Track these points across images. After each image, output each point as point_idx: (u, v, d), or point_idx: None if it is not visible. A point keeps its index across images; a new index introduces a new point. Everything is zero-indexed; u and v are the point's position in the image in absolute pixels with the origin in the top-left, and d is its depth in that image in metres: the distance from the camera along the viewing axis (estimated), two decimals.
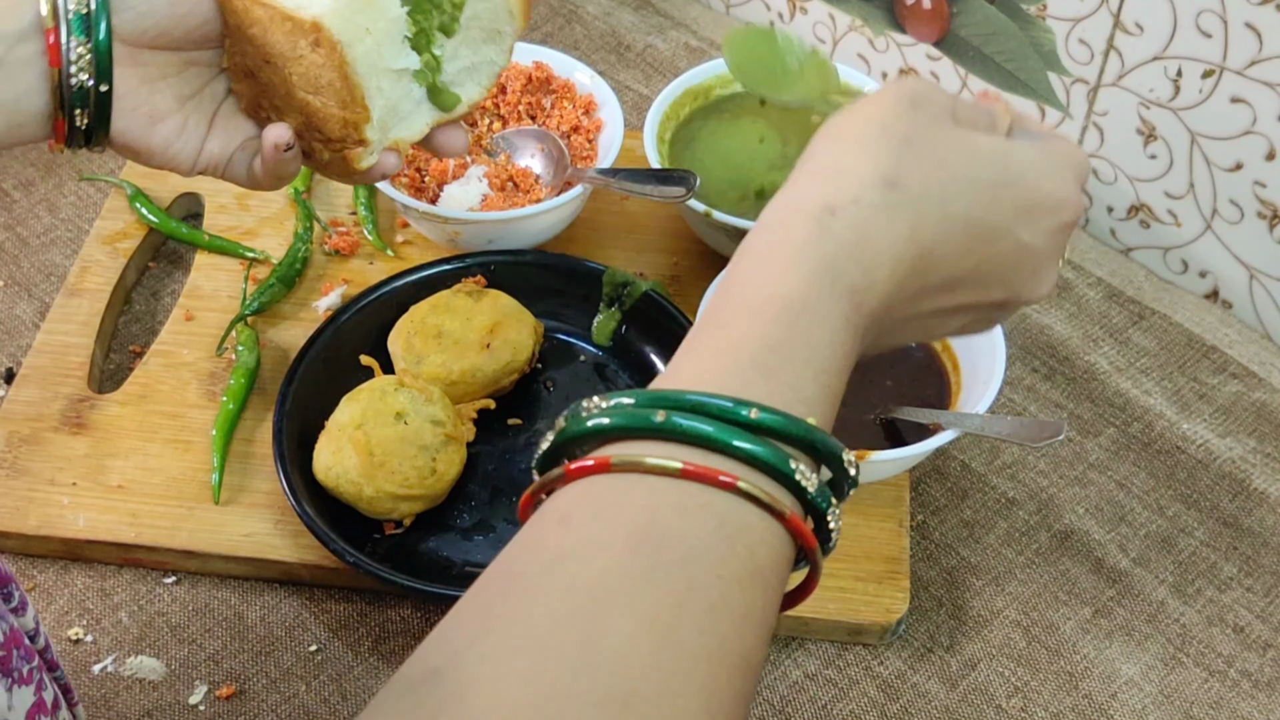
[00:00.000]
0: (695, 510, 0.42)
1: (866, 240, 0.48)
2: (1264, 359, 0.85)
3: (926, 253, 0.49)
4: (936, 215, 0.49)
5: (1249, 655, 0.72)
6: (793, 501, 0.44)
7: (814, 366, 0.46)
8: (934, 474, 0.79)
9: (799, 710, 0.69)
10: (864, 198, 0.48)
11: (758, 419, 0.43)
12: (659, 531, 0.41)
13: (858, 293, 0.47)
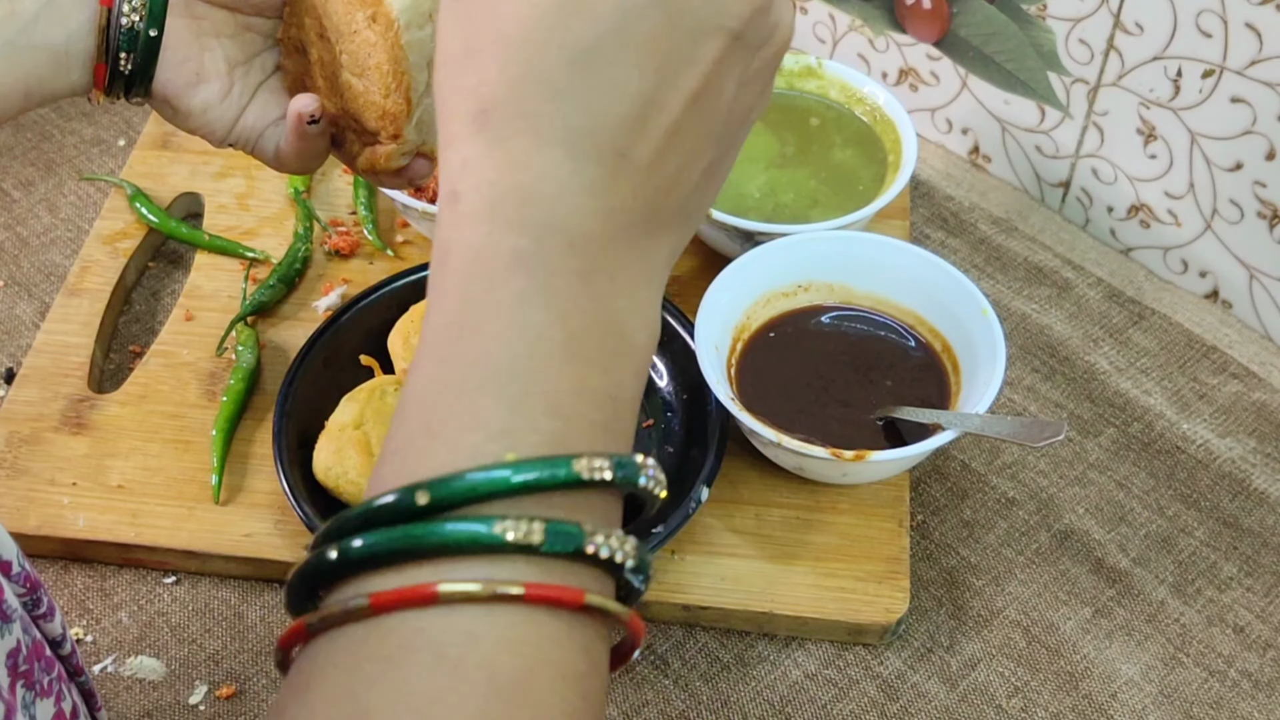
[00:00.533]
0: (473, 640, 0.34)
1: (496, 192, 0.38)
2: (1264, 359, 0.85)
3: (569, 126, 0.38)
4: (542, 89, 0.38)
5: (1249, 655, 0.72)
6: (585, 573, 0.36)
7: (494, 389, 0.37)
8: (934, 474, 0.79)
9: (799, 710, 0.69)
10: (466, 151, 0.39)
11: (427, 503, 0.35)
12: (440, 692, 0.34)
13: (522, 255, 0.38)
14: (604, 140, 0.39)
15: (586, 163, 0.39)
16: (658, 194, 0.40)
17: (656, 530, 0.69)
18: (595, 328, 0.38)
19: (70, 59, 0.57)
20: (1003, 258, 0.91)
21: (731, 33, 0.40)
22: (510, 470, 0.35)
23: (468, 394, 0.37)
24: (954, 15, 0.91)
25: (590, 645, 0.36)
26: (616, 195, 0.39)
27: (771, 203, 0.84)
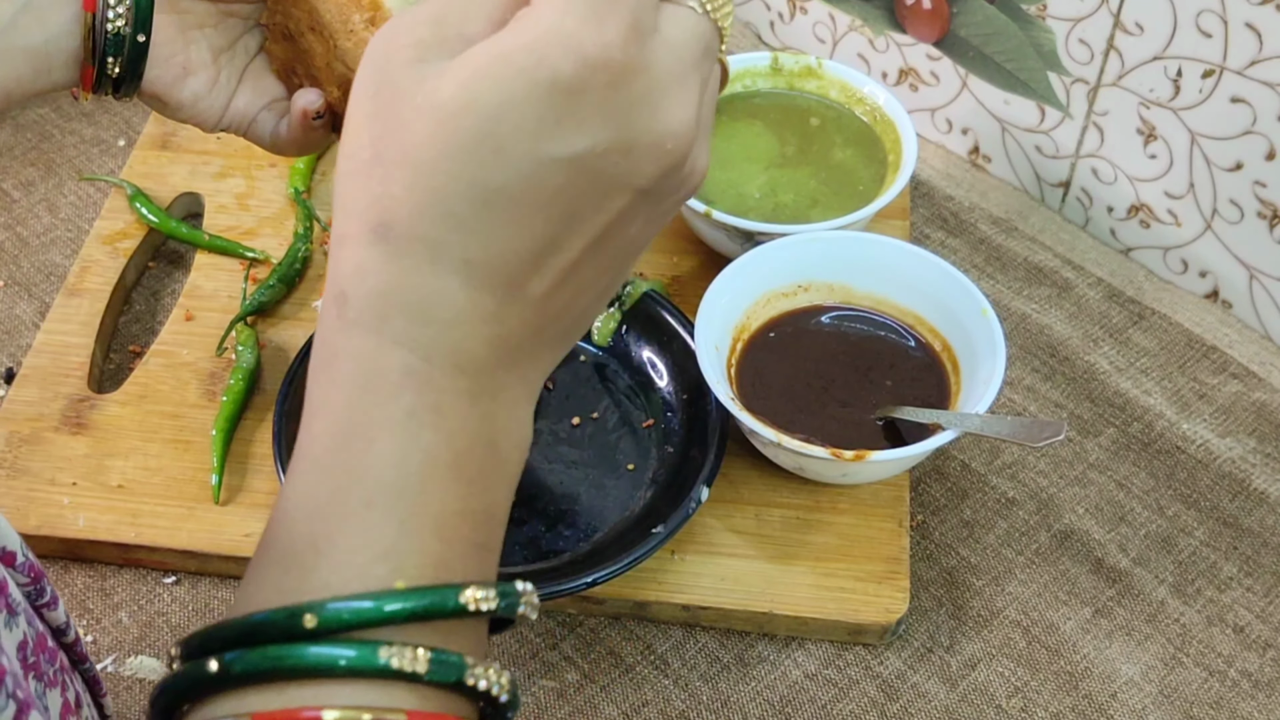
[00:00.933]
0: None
1: (389, 307, 0.38)
2: (1264, 359, 0.85)
3: (469, 257, 0.39)
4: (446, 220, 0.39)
5: (1249, 655, 0.72)
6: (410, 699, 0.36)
7: (382, 506, 0.37)
8: (934, 474, 0.79)
9: (799, 710, 0.69)
10: (361, 260, 0.39)
11: (314, 626, 0.35)
12: None
13: (413, 373, 0.38)
14: (500, 275, 0.39)
15: (480, 293, 0.39)
16: (546, 320, 0.41)
17: (656, 530, 0.70)
18: (477, 447, 0.39)
19: (51, 59, 0.56)
20: (1003, 258, 0.91)
21: (640, 190, 0.41)
22: (400, 599, 0.35)
23: (355, 511, 0.37)
24: (954, 15, 0.91)
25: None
26: (506, 324, 0.40)
27: (771, 203, 0.84)
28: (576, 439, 0.77)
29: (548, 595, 0.68)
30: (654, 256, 0.88)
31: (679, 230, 0.89)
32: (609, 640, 0.72)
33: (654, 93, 0.39)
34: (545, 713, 0.69)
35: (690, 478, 0.72)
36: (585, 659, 0.71)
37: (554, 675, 0.70)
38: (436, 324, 0.38)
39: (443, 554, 0.37)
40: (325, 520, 0.37)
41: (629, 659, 0.71)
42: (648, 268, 0.87)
